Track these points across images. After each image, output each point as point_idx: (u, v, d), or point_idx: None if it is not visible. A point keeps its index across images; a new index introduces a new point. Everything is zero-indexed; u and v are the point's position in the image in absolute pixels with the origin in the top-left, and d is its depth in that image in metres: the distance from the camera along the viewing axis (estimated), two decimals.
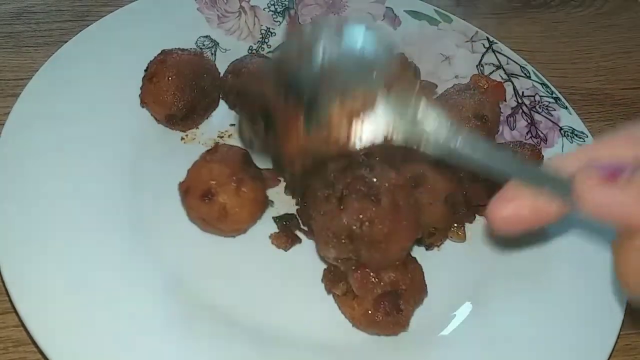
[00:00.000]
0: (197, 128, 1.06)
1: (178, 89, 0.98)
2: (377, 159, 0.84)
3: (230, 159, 0.91)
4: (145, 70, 1.01)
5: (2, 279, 0.81)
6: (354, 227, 0.79)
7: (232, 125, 1.08)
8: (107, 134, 0.98)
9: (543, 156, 1.02)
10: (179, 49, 1.03)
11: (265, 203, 0.95)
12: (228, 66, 1.08)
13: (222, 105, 1.09)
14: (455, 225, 0.98)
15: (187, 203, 0.91)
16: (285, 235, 0.94)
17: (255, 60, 1.06)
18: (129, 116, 1.02)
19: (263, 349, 0.83)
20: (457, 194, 0.97)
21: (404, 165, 0.92)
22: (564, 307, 0.93)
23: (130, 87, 1.03)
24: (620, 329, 0.91)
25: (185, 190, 0.90)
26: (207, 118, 1.07)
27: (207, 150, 0.94)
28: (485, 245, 1.00)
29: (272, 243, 0.94)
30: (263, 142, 0.80)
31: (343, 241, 0.80)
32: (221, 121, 1.08)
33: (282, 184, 1.01)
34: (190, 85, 0.99)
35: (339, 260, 0.83)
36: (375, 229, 0.78)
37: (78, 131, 0.96)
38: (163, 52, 1.02)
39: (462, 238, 0.99)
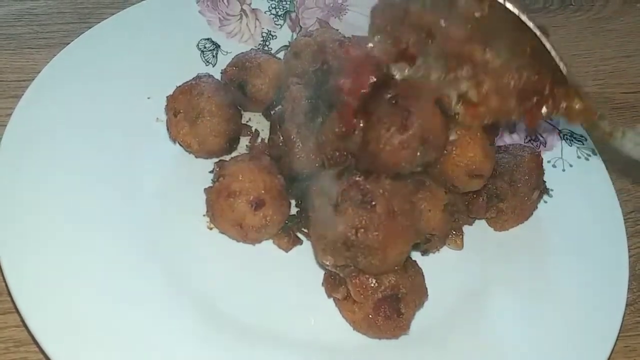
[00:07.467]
0: None
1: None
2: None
3: (274, 171, 0.90)
4: None
5: (4, 279, 0.81)
6: (349, 234, 0.79)
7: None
8: (109, 134, 0.98)
9: (542, 159, 1.02)
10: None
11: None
12: (232, 59, 1.07)
13: None
14: (454, 232, 0.98)
15: (226, 204, 0.87)
16: (287, 236, 0.94)
17: (260, 55, 1.06)
18: (131, 117, 1.02)
19: (263, 351, 0.83)
20: (457, 203, 0.97)
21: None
22: (563, 309, 0.93)
23: (132, 88, 1.04)
24: (620, 331, 0.92)
25: (227, 192, 0.87)
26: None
27: (251, 156, 0.91)
28: (486, 249, 1.00)
29: (274, 243, 0.94)
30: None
31: (339, 248, 0.80)
32: None
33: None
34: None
35: (337, 268, 0.83)
36: (371, 236, 0.78)
37: (80, 132, 0.97)
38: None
39: (460, 246, 0.98)
